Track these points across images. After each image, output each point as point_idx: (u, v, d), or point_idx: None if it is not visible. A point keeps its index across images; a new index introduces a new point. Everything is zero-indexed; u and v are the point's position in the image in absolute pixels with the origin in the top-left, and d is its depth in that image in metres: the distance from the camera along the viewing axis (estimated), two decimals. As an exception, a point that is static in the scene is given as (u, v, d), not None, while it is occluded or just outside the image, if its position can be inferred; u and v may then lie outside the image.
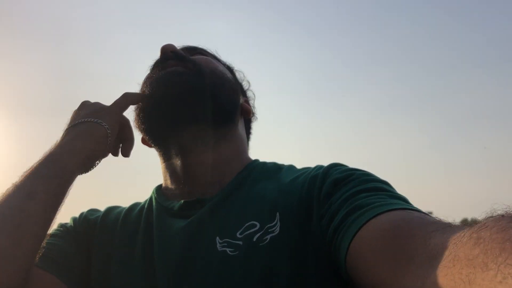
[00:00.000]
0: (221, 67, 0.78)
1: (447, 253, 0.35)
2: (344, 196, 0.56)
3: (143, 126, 0.72)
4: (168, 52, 0.72)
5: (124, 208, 0.78)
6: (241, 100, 0.80)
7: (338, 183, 0.59)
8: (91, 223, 0.74)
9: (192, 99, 0.68)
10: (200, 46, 0.83)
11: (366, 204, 0.52)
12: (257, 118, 0.86)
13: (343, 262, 0.50)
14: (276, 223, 0.60)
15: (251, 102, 0.86)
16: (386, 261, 0.44)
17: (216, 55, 0.83)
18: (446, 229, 0.40)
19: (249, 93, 0.86)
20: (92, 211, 0.77)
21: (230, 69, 0.83)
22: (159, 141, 0.73)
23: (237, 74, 0.85)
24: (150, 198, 0.75)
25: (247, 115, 0.82)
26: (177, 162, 0.72)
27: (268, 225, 0.60)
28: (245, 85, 0.86)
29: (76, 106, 0.73)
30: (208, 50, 0.82)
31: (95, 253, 0.70)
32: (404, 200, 0.54)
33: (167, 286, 0.60)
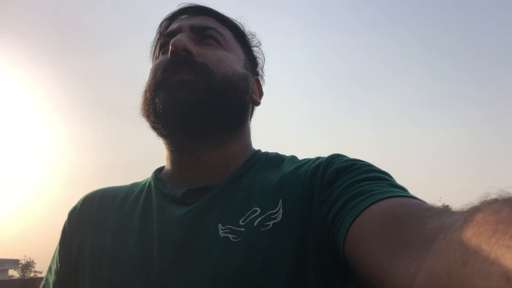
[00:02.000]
0: (232, 62, 0.74)
1: (442, 236, 0.35)
2: (345, 184, 0.57)
3: (152, 126, 0.72)
4: (180, 51, 0.69)
5: (122, 188, 0.78)
6: (251, 88, 0.78)
7: (340, 172, 0.60)
8: (83, 212, 0.75)
9: (203, 114, 0.67)
10: (211, 14, 0.79)
11: (366, 191, 0.52)
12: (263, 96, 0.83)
13: (341, 248, 0.50)
14: (278, 210, 0.61)
15: (260, 79, 0.84)
16: (382, 246, 0.44)
17: (227, 20, 0.80)
18: (442, 214, 0.41)
19: (259, 60, 0.85)
20: (86, 198, 0.78)
21: (240, 35, 0.81)
22: (168, 140, 0.73)
23: (248, 38, 0.83)
24: (149, 184, 0.75)
25: (255, 105, 0.81)
26: (185, 157, 0.72)
27: (270, 211, 0.61)
28: (258, 54, 0.85)
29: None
30: (218, 28, 0.77)
31: (89, 237, 0.71)
32: (404, 189, 0.54)
33: (166, 271, 0.61)
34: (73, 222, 0.76)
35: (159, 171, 0.79)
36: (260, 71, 0.85)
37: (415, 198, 0.50)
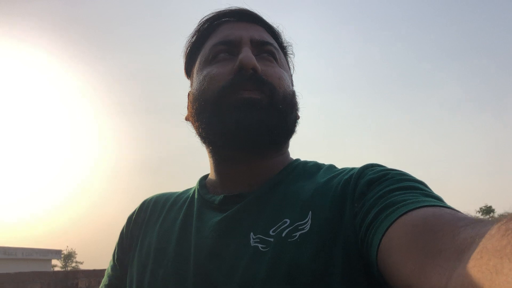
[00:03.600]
0: (288, 80, 0.76)
1: (475, 246, 0.35)
2: (377, 195, 0.56)
3: (202, 136, 0.74)
4: (248, 69, 0.70)
5: (174, 194, 0.84)
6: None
7: (373, 183, 0.60)
8: (139, 217, 0.83)
9: (268, 133, 0.69)
10: (261, 23, 0.80)
11: (398, 202, 0.52)
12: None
13: (374, 259, 0.50)
14: (307, 221, 0.62)
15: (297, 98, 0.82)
16: (414, 256, 0.44)
17: (273, 30, 0.81)
18: (475, 223, 0.41)
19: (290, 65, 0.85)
20: (142, 204, 0.86)
21: (282, 47, 0.83)
22: (219, 152, 0.75)
23: (287, 49, 0.84)
24: (194, 190, 0.80)
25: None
26: (229, 166, 0.74)
27: (299, 223, 0.62)
28: (290, 62, 0.85)
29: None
30: (274, 44, 0.78)
31: (140, 242, 0.77)
32: (438, 198, 0.54)
33: (197, 274, 0.64)
34: (129, 227, 0.82)
35: (204, 178, 0.82)
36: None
37: (449, 207, 0.50)
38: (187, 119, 0.80)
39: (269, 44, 0.75)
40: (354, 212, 0.59)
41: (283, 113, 0.71)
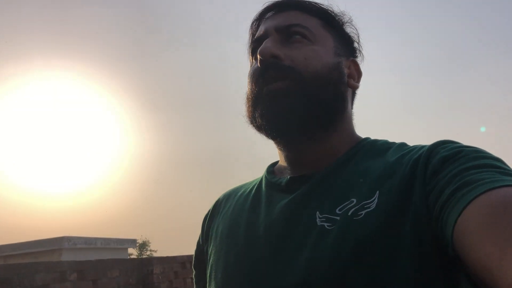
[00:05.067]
0: (321, 55, 0.73)
1: None
2: (452, 173, 0.55)
3: (258, 132, 0.75)
4: (267, 58, 0.71)
5: (244, 184, 0.87)
6: (346, 73, 0.77)
7: (446, 161, 0.58)
8: (213, 214, 0.87)
9: (300, 120, 0.69)
10: (295, 7, 0.78)
11: (475, 180, 0.50)
12: (363, 57, 0.84)
13: (450, 239, 0.49)
14: (373, 200, 0.61)
15: (359, 54, 0.83)
16: (493, 238, 0.43)
17: (312, 8, 0.79)
18: None
19: (354, 42, 0.83)
20: (217, 201, 0.90)
21: (328, 19, 0.79)
22: (274, 142, 0.77)
23: (338, 18, 0.81)
24: (262, 178, 0.82)
25: (354, 89, 0.80)
26: (290, 153, 0.76)
27: (365, 202, 0.61)
28: (351, 32, 0.82)
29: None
30: (303, 22, 0.76)
31: (213, 235, 0.81)
32: None
33: (267, 256, 0.65)
34: (204, 224, 0.87)
35: (272, 166, 0.84)
36: (357, 45, 0.83)
37: None
38: None
39: (295, 26, 0.74)
40: (426, 191, 0.57)
41: (315, 94, 0.69)
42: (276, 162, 0.84)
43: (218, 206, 0.87)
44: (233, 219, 0.77)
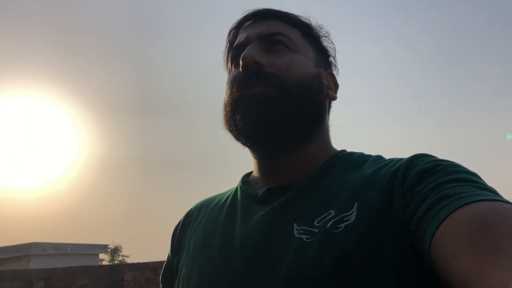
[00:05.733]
0: (303, 64, 0.74)
1: None
2: (429, 186, 0.55)
3: (235, 138, 0.74)
4: (250, 64, 0.70)
5: (217, 195, 0.86)
6: (325, 84, 0.78)
7: (424, 174, 0.58)
8: (184, 225, 0.85)
9: (281, 125, 0.69)
10: (276, 17, 0.79)
11: (452, 194, 0.51)
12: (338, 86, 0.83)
13: (427, 252, 0.49)
14: (352, 212, 0.60)
15: (334, 69, 0.84)
16: (471, 253, 0.43)
17: (292, 19, 0.79)
18: None
19: (330, 51, 0.84)
20: (188, 212, 0.88)
21: (307, 31, 0.80)
22: (250, 150, 0.76)
23: (316, 31, 0.82)
24: (237, 188, 0.80)
25: (332, 100, 0.80)
26: (266, 162, 0.75)
27: (344, 214, 0.61)
28: (327, 46, 0.83)
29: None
30: (285, 32, 0.76)
31: (185, 246, 0.79)
32: (494, 192, 0.52)
33: (243, 268, 0.63)
34: (175, 236, 0.85)
35: (247, 176, 0.83)
36: (333, 60, 0.84)
37: (507, 202, 0.48)
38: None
39: (277, 34, 0.75)
40: (404, 204, 0.57)
41: (296, 102, 0.69)
42: (251, 173, 0.83)
43: (189, 217, 0.84)
44: (207, 231, 0.75)
